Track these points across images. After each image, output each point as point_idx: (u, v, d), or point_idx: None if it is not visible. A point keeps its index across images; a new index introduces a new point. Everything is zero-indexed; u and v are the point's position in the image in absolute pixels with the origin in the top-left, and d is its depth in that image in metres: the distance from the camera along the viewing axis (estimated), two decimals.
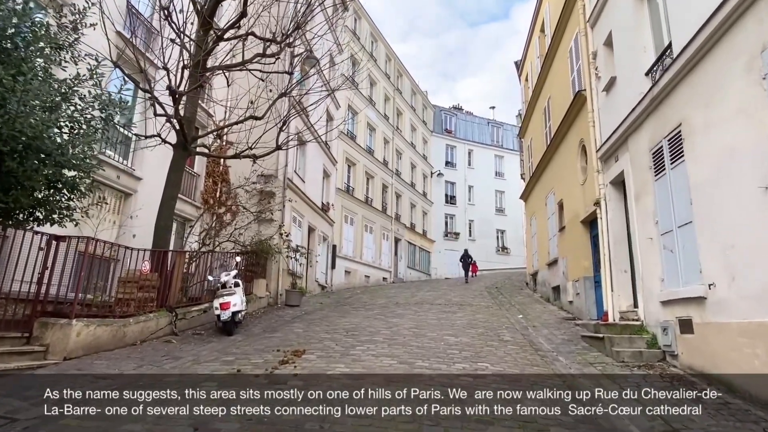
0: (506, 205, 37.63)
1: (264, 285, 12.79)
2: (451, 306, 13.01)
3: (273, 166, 14.10)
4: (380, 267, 25.26)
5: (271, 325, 9.97)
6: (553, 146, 13.44)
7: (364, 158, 24.43)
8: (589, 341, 8.08)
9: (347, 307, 13.18)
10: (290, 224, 15.01)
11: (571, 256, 11.86)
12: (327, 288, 19.36)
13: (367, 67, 25.50)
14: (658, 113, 7.08)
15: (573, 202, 11.62)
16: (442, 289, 18.89)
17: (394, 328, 9.22)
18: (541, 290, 15.58)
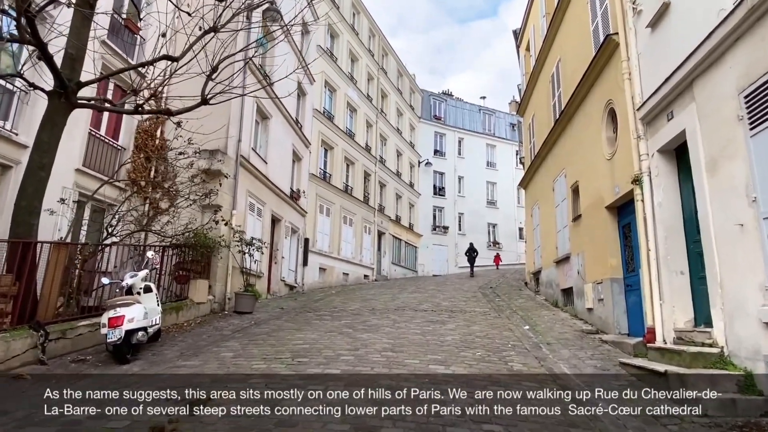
0: (498, 197, 35.35)
1: (205, 287, 10.17)
2: (439, 313, 10.52)
3: (220, 138, 11.44)
4: (361, 263, 22.72)
5: (197, 343, 7.37)
6: (564, 118, 10.99)
7: (343, 142, 21.81)
8: (636, 373, 5.64)
9: (311, 314, 10.62)
10: (245, 212, 12.38)
11: (590, 251, 9.44)
12: (297, 288, 16.78)
13: (348, 40, 22.84)
14: (757, 34, 4.63)
15: (594, 183, 9.19)
16: (429, 289, 16.42)
17: (361, 350, 6.69)
18: (545, 292, 13.18)
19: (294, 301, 13.38)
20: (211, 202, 10.94)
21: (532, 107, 15.40)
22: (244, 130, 12.25)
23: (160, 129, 11.69)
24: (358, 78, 24.05)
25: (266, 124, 14.25)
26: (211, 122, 11.68)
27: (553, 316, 10.21)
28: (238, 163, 11.75)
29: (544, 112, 13.44)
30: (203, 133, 10.45)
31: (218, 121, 11.65)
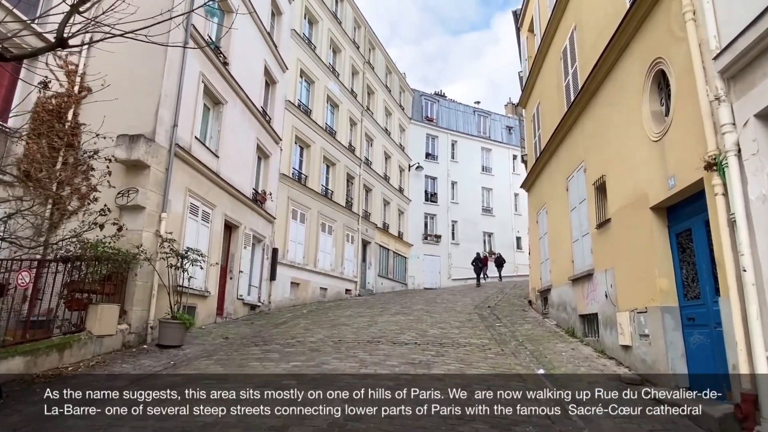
0: (494, 204, 33.06)
1: (113, 315, 7.64)
2: (424, 347, 8.06)
3: (145, 121, 9.00)
4: (342, 276, 20.21)
5: (36, 413, 4.84)
6: (583, 98, 8.68)
7: (322, 139, 19.41)
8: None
9: (257, 349, 8.11)
10: (183, 216, 9.90)
11: (625, 268, 7.06)
12: (262, 307, 14.25)
13: (329, 28, 20.56)
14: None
15: (631, 176, 6.84)
16: (416, 308, 13.96)
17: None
18: (557, 316, 10.77)
19: (248, 327, 10.86)
20: (129, 203, 8.45)
21: (537, 95, 13.11)
22: (183, 114, 9.81)
23: (72, 109, 9.26)
24: (340, 71, 21.74)
25: (219, 111, 11.82)
26: (133, 100, 9.29)
27: (573, 352, 7.78)
28: (172, 154, 9.29)
29: (553, 98, 11.15)
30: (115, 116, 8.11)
31: (145, 100, 9.25)
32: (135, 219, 8.57)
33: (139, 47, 9.80)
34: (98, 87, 9.42)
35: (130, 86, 9.31)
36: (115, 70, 9.45)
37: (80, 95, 9.37)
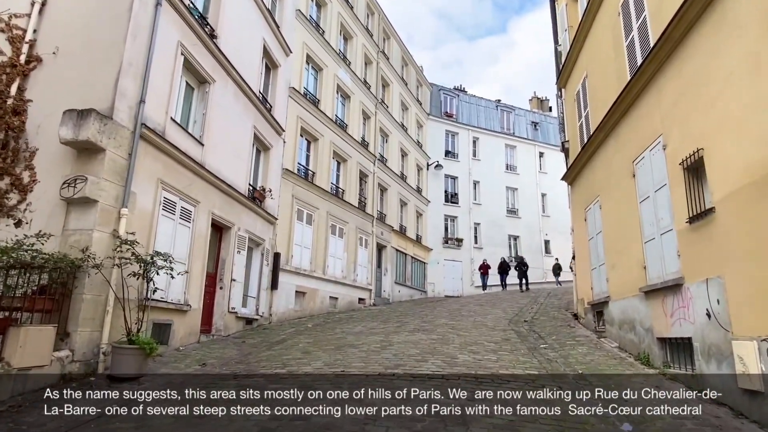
0: (519, 205, 30.74)
1: (47, 338, 5.83)
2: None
3: (102, 95, 7.23)
4: (354, 284, 18.25)
5: None
6: (659, 54, 6.58)
7: (332, 132, 17.56)
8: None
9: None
10: (153, 213, 8.08)
11: (743, 276, 4.93)
12: (261, 320, 12.40)
13: (339, 12, 18.77)
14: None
15: (751, 145, 4.72)
16: (439, 322, 11.90)
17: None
18: (618, 335, 8.59)
19: (236, 348, 8.98)
20: (75, 195, 6.66)
21: (581, 68, 11.00)
22: (154, 90, 8.03)
23: (17, 83, 7.56)
24: (351, 59, 19.90)
25: (204, 92, 10.05)
26: (91, 72, 7.55)
27: (663, 396, 5.62)
28: (137, 136, 7.49)
29: (608, 66, 9.05)
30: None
31: (102, 69, 7.50)
32: (84, 215, 6.77)
33: (99, 6, 8.02)
34: (50, 57, 7.81)
35: (87, 55, 7.60)
36: (70, 36, 7.82)
37: (28, 66, 7.68)
